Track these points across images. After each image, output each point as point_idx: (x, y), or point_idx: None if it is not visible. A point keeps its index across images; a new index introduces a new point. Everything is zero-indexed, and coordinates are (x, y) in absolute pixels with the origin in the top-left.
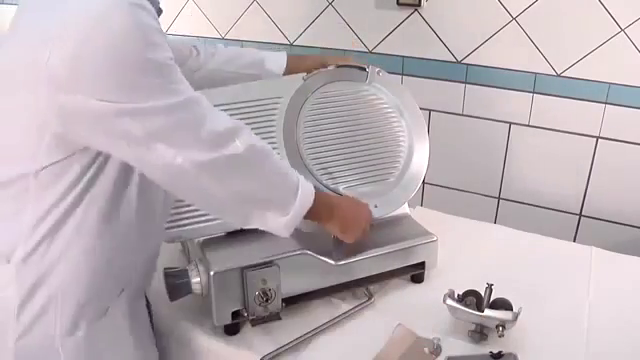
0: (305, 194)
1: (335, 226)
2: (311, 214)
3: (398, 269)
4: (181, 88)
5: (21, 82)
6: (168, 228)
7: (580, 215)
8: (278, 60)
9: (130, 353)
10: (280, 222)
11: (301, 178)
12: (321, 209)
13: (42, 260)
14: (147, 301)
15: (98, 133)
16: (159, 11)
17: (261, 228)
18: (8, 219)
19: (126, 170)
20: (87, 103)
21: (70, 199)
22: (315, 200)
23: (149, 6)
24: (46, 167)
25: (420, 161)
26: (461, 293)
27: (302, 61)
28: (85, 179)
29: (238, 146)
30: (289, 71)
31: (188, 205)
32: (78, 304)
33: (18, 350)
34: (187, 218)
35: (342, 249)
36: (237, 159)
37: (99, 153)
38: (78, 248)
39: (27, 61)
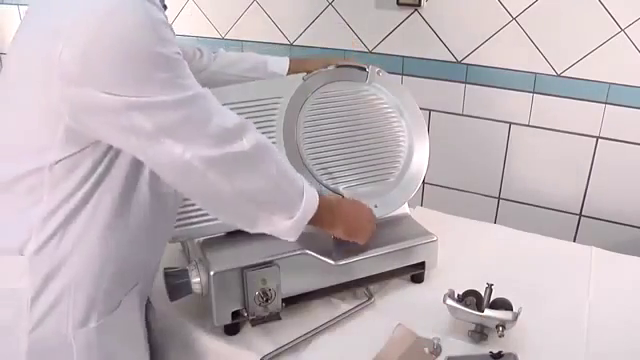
0: (310, 199)
1: (339, 230)
2: (314, 220)
3: (398, 269)
4: (189, 83)
5: (35, 77)
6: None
7: (580, 215)
8: (281, 63)
9: (141, 346)
10: (286, 225)
11: (306, 183)
12: (324, 214)
13: (55, 252)
14: (148, 300)
15: (108, 127)
16: (164, 8)
17: (267, 232)
18: (21, 212)
19: (137, 163)
20: (97, 97)
21: (82, 192)
22: (319, 205)
23: (157, 1)
24: (60, 161)
25: (420, 161)
26: (461, 293)
27: (304, 63)
28: (97, 172)
29: (244, 143)
30: (291, 73)
31: (188, 205)
32: (91, 296)
33: (31, 342)
34: (188, 218)
35: (342, 249)
36: (243, 156)
37: (110, 147)
38: (90, 241)
39: (41, 56)
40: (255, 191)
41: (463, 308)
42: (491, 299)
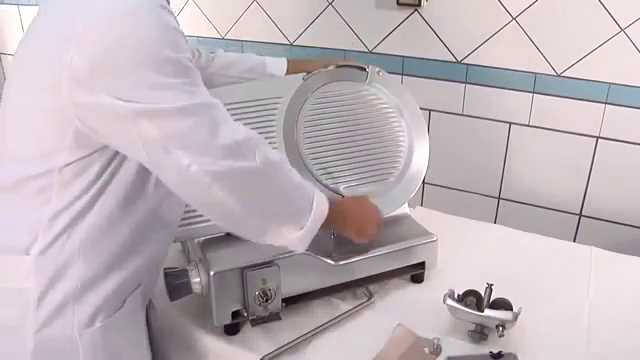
0: (319, 208)
1: (349, 231)
2: (325, 224)
3: (398, 269)
4: (198, 91)
5: (45, 81)
6: None
7: (580, 215)
8: (279, 64)
9: (144, 345)
10: (295, 236)
11: (316, 191)
12: (335, 218)
13: (60, 253)
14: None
15: (116, 133)
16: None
17: (276, 244)
18: (29, 213)
19: (144, 167)
20: (107, 102)
21: (89, 195)
22: (329, 211)
23: (169, 6)
24: (70, 164)
25: (420, 161)
26: (461, 293)
27: (303, 64)
28: (105, 176)
29: (255, 159)
30: (290, 74)
31: (189, 206)
32: (96, 297)
33: (37, 342)
34: (188, 218)
35: (342, 249)
36: (253, 171)
37: (118, 151)
38: (96, 242)
39: (52, 61)
40: (262, 206)
41: (463, 308)
42: (491, 299)
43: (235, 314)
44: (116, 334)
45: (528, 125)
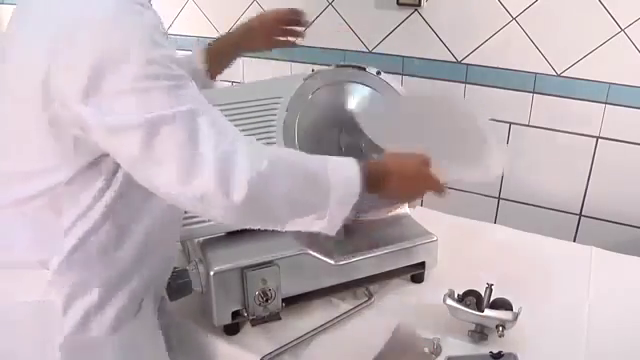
0: (339, 192)
1: (394, 194)
2: (372, 192)
3: (398, 269)
4: (184, 95)
5: (33, 94)
6: None
7: (580, 215)
8: (192, 58)
9: (162, 343)
10: (319, 224)
11: (338, 173)
12: (374, 186)
13: (79, 264)
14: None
15: (105, 144)
16: None
17: (303, 230)
18: (42, 228)
19: None
20: (88, 115)
21: (101, 204)
22: (362, 185)
23: (151, 5)
24: (74, 177)
25: None
26: (461, 293)
27: (225, 40)
28: (114, 184)
29: (239, 192)
30: (215, 58)
31: None
32: (117, 303)
33: (63, 353)
34: (188, 218)
35: (342, 249)
36: (245, 199)
37: None
38: (112, 250)
39: (35, 78)
40: (262, 216)
41: (463, 308)
42: (491, 299)
43: (235, 314)
44: (138, 337)
45: (528, 125)
